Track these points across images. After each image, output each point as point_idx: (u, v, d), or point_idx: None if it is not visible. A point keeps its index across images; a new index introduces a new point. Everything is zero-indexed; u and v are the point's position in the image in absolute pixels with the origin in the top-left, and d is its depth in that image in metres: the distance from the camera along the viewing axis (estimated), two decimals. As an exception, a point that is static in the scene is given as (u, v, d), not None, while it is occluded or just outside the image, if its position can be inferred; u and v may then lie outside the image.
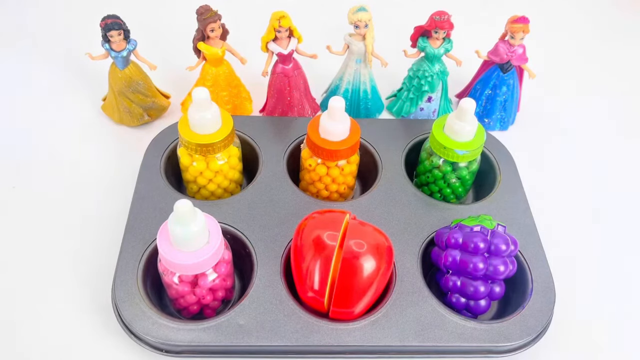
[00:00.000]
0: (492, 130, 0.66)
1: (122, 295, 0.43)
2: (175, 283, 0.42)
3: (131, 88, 0.60)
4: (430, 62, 0.61)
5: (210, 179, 0.51)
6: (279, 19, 0.54)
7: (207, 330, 0.42)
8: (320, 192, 0.54)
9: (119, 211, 0.53)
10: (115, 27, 0.55)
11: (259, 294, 0.44)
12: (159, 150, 0.55)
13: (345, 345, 0.42)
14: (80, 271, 0.50)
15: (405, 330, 0.43)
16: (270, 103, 0.62)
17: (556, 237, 0.54)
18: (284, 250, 0.47)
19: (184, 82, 0.63)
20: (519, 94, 0.65)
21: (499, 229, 0.45)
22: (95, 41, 0.58)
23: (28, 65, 0.71)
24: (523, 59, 0.60)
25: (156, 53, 0.62)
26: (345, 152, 0.50)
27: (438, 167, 0.53)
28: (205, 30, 0.56)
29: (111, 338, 0.45)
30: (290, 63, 0.59)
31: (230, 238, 0.48)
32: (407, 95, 0.64)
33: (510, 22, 0.58)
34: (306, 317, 0.43)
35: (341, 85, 0.64)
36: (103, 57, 0.58)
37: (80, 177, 0.58)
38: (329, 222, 0.44)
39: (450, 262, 0.45)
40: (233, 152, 0.52)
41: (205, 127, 0.48)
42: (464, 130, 0.50)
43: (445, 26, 0.56)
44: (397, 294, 0.45)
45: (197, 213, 0.39)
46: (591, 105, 0.72)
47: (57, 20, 0.79)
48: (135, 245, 0.47)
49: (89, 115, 0.65)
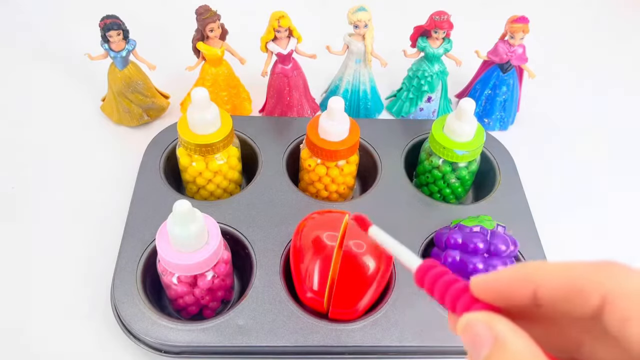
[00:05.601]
0: (491, 130, 0.66)
1: (121, 296, 0.43)
2: (174, 283, 0.42)
3: (130, 88, 0.60)
4: (429, 62, 0.61)
5: (209, 179, 0.51)
6: (279, 19, 0.54)
7: (206, 330, 0.42)
8: (319, 193, 0.54)
9: (118, 211, 0.52)
10: (114, 27, 0.54)
11: (258, 295, 0.44)
12: (158, 150, 0.55)
13: (344, 345, 0.42)
14: (80, 271, 0.50)
15: (405, 330, 0.43)
16: (270, 103, 0.62)
17: (556, 237, 0.54)
18: (284, 251, 0.47)
19: (183, 82, 0.63)
20: (519, 94, 0.65)
21: (499, 230, 0.45)
22: (94, 41, 0.58)
23: (28, 65, 0.71)
24: (523, 59, 0.60)
25: (155, 53, 0.62)
26: (344, 153, 0.50)
27: (438, 167, 0.53)
28: (205, 31, 0.56)
29: (110, 338, 0.45)
30: (290, 63, 0.59)
31: (230, 238, 0.48)
32: (407, 96, 0.64)
33: (510, 22, 0.58)
34: (305, 318, 0.43)
35: (341, 85, 0.64)
36: (102, 57, 0.58)
37: (80, 177, 0.58)
38: (328, 222, 0.44)
39: (450, 263, 0.45)
40: (232, 152, 0.52)
41: (204, 128, 0.48)
42: (463, 130, 0.49)
43: (444, 26, 0.56)
44: (397, 294, 0.45)
45: (196, 213, 0.39)
46: (591, 105, 0.72)
47: (57, 20, 0.79)
48: (134, 245, 0.47)
49: (88, 115, 0.65)
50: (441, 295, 0.22)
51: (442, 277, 0.22)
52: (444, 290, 0.22)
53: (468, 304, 0.21)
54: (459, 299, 0.21)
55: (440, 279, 0.22)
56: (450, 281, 0.22)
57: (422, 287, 0.23)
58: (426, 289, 0.23)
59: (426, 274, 0.23)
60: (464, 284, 0.22)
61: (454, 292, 0.22)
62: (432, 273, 0.23)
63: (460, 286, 0.22)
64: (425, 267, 0.23)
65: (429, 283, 0.23)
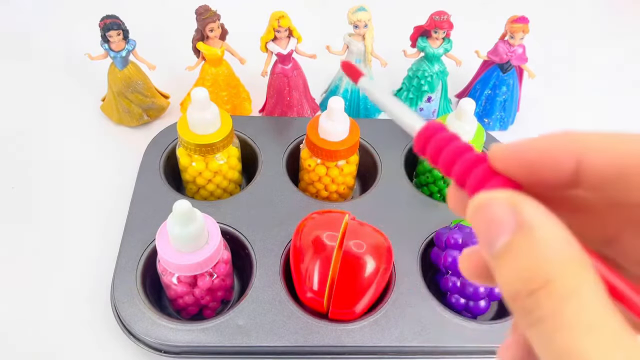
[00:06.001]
0: (491, 130, 0.66)
1: (121, 296, 0.43)
2: (174, 283, 0.42)
3: (130, 88, 0.60)
4: (429, 62, 0.61)
5: (209, 179, 0.51)
6: (279, 19, 0.54)
7: (206, 330, 0.42)
8: (319, 193, 0.54)
9: (118, 211, 0.52)
10: (114, 27, 0.54)
11: (258, 295, 0.44)
12: (158, 150, 0.55)
13: (344, 345, 0.42)
14: (80, 271, 0.50)
15: (404, 330, 0.43)
16: (270, 103, 0.62)
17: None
18: (284, 251, 0.47)
19: (183, 82, 0.63)
20: (519, 94, 0.65)
21: (499, 229, 0.45)
22: (94, 41, 0.58)
23: (28, 65, 0.71)
24: (523, 59, 0.60)
25: (155, 53, 0.62)
26: (344, 153, 0.50)
27: (438, 167, 0.53)
28: (205, 30, 0.56)
29: (110, 338, 0.45)
30: (290, 63, 0.59)
31: (230, 238, 0.48)
32: (407, 95, 0.64)
33: (510, 22, 0.58)
34: (305, 318, 0.43)
35: (341, 85, 0.64)
36: (102, 57, 0.58)
37: (80, 177, 0.58)
38: (328, 222, 0.44)
39: (449, 263, 0.45)
40: (232, 152, 0.52)
41: (204, 127, 0.48)
42: (463, 130, 0.49)
43: (444, 26, 0.56)
44: (397, 294, 0.45)
45: (196, 213, 0.39)
46: (591, 105, 0.71)
47: (57, 20, 0.79)
48: (134, 245, 0.47)
49: (88, 115, 0.65)
50: (447, 165, 0.18)
51: (451, 142, 0.18)
52: (453, 158, 0.18)
53: (483, 178, 0.17)
54: (472, 171, 0.17)
55: (448, 145, 0.18)
56: (461, 148, 0.18)
57: (423, 155, 0.19)
58: (428, 156, 0.19)
59: (430, 138, 0.18)
60: (481, 154, 0.18)
61: (465, 161, 0.17)
62: (437, 137, 0.18)
63: (473, 155, 0.17)
64: (429, 129, 0.19)
65: (432, 149, 0.18)
